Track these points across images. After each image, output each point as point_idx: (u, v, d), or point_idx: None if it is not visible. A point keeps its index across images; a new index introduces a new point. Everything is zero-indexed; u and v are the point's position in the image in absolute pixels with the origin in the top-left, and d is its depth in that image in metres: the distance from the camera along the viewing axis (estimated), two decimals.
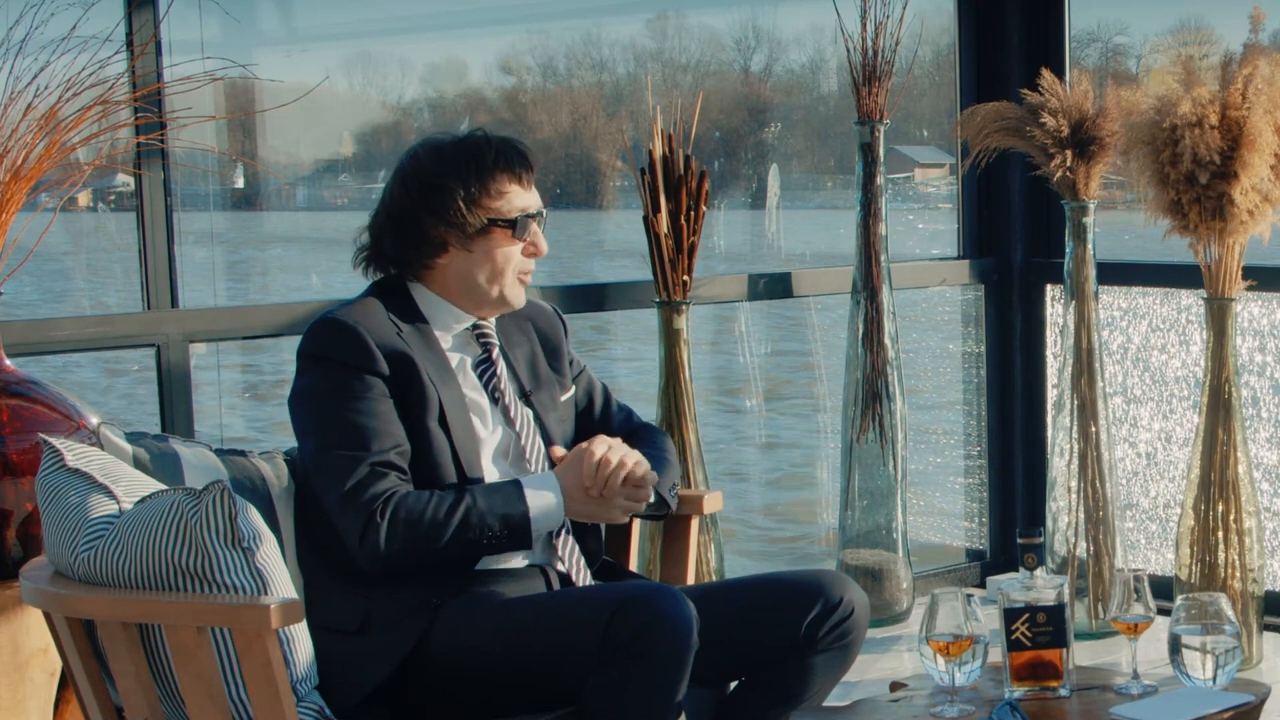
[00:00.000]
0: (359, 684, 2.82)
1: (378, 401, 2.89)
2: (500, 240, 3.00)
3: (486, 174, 2.99)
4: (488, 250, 3.00)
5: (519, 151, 3.03)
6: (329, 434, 2.89)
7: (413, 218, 2.99)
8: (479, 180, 2.98)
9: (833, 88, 6.47)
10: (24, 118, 3.24)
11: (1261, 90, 4.26)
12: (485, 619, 2.86)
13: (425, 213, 2.98)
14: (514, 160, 3.02)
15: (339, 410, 2.88)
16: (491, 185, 2.99)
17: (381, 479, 2.85)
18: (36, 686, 3.18)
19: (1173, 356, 5.11)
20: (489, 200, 2.99)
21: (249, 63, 3.55)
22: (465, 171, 2.98)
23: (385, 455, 2.87)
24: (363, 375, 2.90)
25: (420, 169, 3.01)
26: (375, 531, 2.82)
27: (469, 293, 3.03)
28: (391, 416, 2.90)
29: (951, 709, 2.86)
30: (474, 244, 2.99)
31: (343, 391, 2.89)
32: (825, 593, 2.99)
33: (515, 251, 3.02)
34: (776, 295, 5.08)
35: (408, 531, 2.83)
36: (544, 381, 3.15)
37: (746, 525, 6.43)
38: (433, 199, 2.98)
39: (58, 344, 3.86)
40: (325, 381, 2.91)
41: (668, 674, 2.71)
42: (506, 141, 3.04)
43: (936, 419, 5.72)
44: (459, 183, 2.97)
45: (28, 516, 3.17)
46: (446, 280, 3.03)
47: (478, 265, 3.01)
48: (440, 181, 2.98)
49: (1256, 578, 4.43)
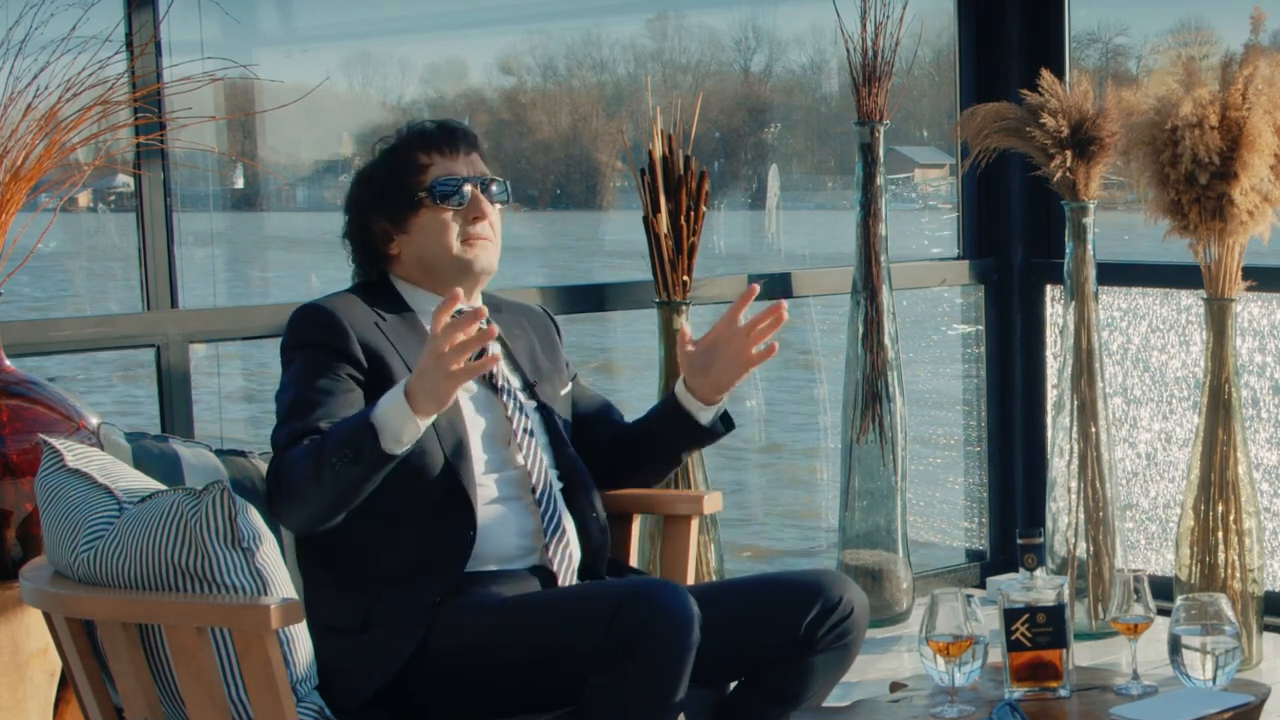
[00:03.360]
0: (359, 684, 2.82)
1: (336, 380, 2.91)
2: (429, 212, 3.04)
3: (406, 154, 3.06)
4: (421, 225, 3.05)
5: (439, 124, 3.10)
6: (283, 410, 2.92)
7: (358, 218, 3.08)
8: (403, 163, 3.06)
9: (833, 88, 6.47)
10: (24, 118, 3.24)
11: (1262, 91, 4.26)
12: (485, 619, 2.86)
13: (367, 210, 3.07)
14: (431, 133, 3.08)
15: (296, 388, 2.91)
16: (413, 163, 3.05)
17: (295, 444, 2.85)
18: (36, 686, 3.18)
19: (1173, 357, 5.11)
20: (413, 178, 3.05)
21: (249, 63, 3.55)
22: (388, 160, 3.08)
23: (316, 424, 2.85)
24: (330, 354, 2.93)
25: (360, 171, 3.13)
26: (272, 497, 2.86)
27: (429, 272, 3.07)
28: (347, 394, 2.90)
29: (951, 709, 2.86)
30: (409, 224, 3.05)
31: (307, 370, 2.92)
32: (825, 592, 2.99)
33: (444, 218, 3.05)
34: (776, 295, 5.07)
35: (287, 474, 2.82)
36: (545, 374, 3.17)
37: (746, 525, 6.43)
38: (368, 194, 3.07)
39: (58, 344, 3.86)
40: (295, 368, 2.95)
41: (669, 670, 2.71)
42: (426, 122, 3.11)
43: (936, 419, 5.72)
44: (385, 171, 3.07)
45: (28, 517, 3.17)
46: (408, 267, 3.08)
47: (421, 243, 3.05)
48: (370, 175, 3.09)
49: (1256, 578, 4.43)
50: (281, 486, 2.83)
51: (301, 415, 2.87)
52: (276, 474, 2.84)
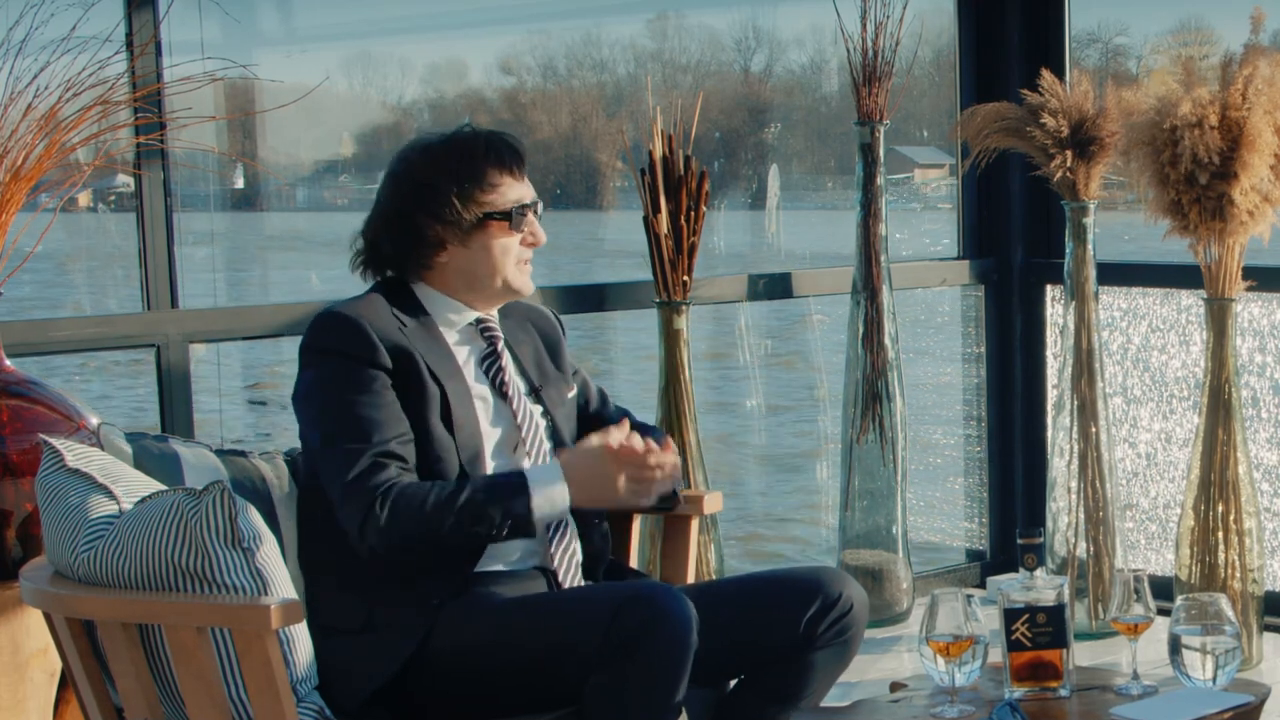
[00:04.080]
0: (360, 685, 2.82)
1: (380, 393, 2.89)
2: (497, 233, 3.01)
3: (478, 169, 3.00)
4: (485, 244, 3.01)
5: (508, 144, 3.04)
6: (331, 426, 2.89)
7: (408, 219, 3.00)
8: (471, 176, 2.99)
9: (833, 88, 6.47)
10: (24, 118, 3.24)
11: (1262, 91, 4.26)
12: (486, 619, 2.86)
13: (420, 213, 2.99)
14: (504, 153, 3.03)
15: (341, 402, 2.88)
16: (484, 180, 3.00)
17: (382, 469, 2.85)
18: (36, 686, 3.18)
19: (1173, 357, 5.11)
20: (482, 195, 3.00)
21: (249, 63, 3.55)
22: (457, 169, 3.00)
23: (387, 445, 2.86)
24: (365, 366, 2.90)
25: (412, 170, 3.02)
26: (375, 521, 2.82)
27: (471, 286, 3.04)
28: (394, 406, 2.90)
29: (951, 709, 2.86)
30: (471, 239, 3.00)
31: (345, 383, 2.89)
32: (824, 589, 2.99)
33: (513, 243, 3.03)
34: (776, 295, 5.07)
35: (407, 521, 2.82)
36: (550, 378, 3.16)
37: (746, 525, 6.43)
38: (427, 199, 2.99)
39: (58, 344, 3.86)
40: (328, 374, 2.91)
41: (667, 673, 2.71)
42: (495, 135, 3.06)
43: (936, 419, 5.72)
44: (451, 180, 2.99)
45: (28, 517, 3.17)
46: (448, 277, 3.04)
47: (477, 259, 3.01)
48: (433, 181, 2.99)
49: (1256, 578, 4.43)
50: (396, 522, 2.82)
51: (364, 436, 2.86)
52: (387, 504, 2.82)
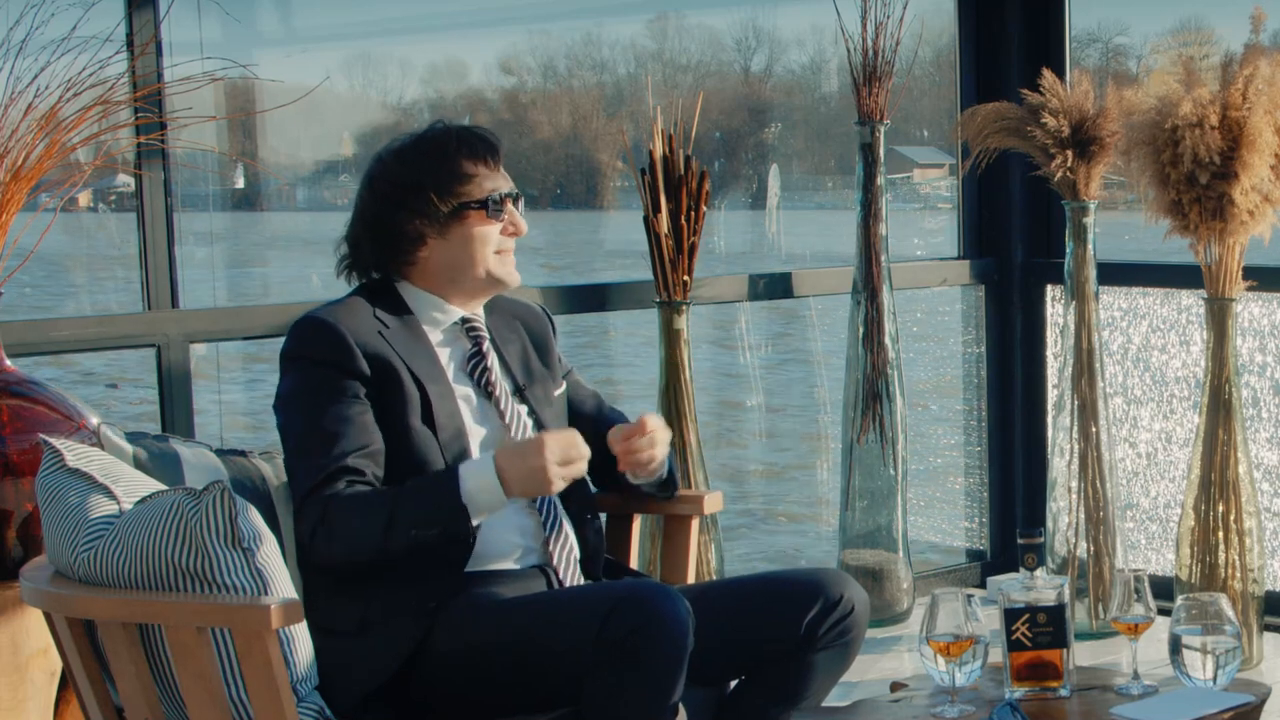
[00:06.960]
0: (359, 684, 2.82)
1: (350, 403, 2.89)
2: (475, 223, 3.02)
3: (451, 161, 3.02)
4: (464, 235, 3.02)
5: (480, 136, 3.07)
6: (297, 439, 2.91)
7: (387, 219, 3.02)
8: (445, 168, 3.02)
9: (833, 88, 6.47)
10: (24, 118, 3.24)
11: (1262, 91, 4.26)
12: (484, 619, 2.86)
13: (399, 210, 3.01)
14: (476, 145, 3.05)
15: (309, 414, 2.90)
16: (458, 170, 3.02)
17: (333, 482, 2.85)
18: (36, 686, 3.18)
19: (1173, 357, 5.11)
20: (458, 186, 3.02)
21: (249, 63, 3.55)
22: (430, 163, 3.02)
23: (344, 460, 2.86)
24: (339, 374, 2.90)
25: (387, 171, 3.05)
26: (317, 537, 2.84)
27: (454, 280, 3.05)
28: (364, 417, 2.90)
29: (952, 709, 2.86)
30: (450, 231, 3.02)
31: (317, 392, 2.90)
32: (825, 590, 2.99)
33: (492, 232, 3.04)
34: (776, 295, 5.08)
35: (344, 530, 2.82)
36: (537, 377, 3.16)
37: (746, 525, 6.43)
38: (403, 197, 3.01)
39: (58, 344, 3.86)
40: (302, 383, 2.93)
41: (663, 675, 2.71)
42: (466, 129, 3.08)
43: (936, 419, 5.72)
44: (426, 174, 3.01)
45: (28, 516, 3.17)
46: (430, 272, 3.05)
47: (457, 251, 3.03)
48: (408, 177, 3.02)
49: (1257, 578, 4.43)
50: (334, 532, 2.82)
51: (325, 449, 2.86)
52: (326, 517, 2.82)
